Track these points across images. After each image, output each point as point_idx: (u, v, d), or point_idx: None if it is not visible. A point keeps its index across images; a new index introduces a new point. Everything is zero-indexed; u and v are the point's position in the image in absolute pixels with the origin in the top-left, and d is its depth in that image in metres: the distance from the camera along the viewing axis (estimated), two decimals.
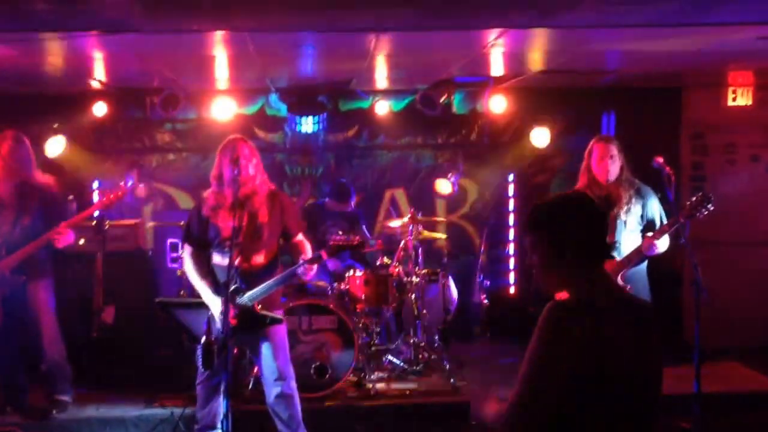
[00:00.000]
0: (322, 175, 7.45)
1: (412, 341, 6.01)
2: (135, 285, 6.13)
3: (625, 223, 4.62)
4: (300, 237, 4.46)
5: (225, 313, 3.87)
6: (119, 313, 6.00)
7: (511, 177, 7.63)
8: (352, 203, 6.60)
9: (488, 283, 7.22)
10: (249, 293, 4.13)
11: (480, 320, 7.18)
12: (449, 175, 6.98)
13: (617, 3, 3.59)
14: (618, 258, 4.57)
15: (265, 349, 4.27)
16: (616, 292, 2.22)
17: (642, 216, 4.69)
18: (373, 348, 5.92)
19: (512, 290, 7.65)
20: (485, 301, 7.08)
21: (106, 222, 5.71)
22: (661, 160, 4.42)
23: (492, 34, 4.55)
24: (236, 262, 4.12)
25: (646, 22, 3.87)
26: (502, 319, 7.20)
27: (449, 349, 6.29)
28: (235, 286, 4.05)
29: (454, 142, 7.57)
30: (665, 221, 4.67)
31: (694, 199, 4.28)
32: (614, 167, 4.65)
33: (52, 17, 3.39)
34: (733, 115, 7.21)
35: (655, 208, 4.72)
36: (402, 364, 5.94)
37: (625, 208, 4.63)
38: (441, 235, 6.49)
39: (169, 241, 6.70)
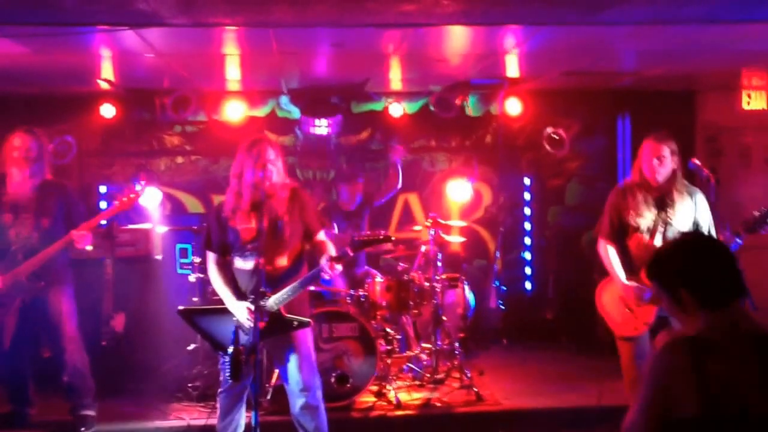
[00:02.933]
0: (334, 178, 7.31)
1: (432, 348, 5.86)
2: (145, 292, 5.94)
3: (675, 226, 4.43)
4: (322, 236, 4.28)
5: (255, 320, 3.71)
6: (129, 320, 5.83)
7: (527, 181, 7.52)
8: (358, 198, 6.39)
9: (504, 288, 7.09)
10: (274, 297, 3.95)
11: (496, 326, 7.04)
12: (465, 179, 6.85)
13: None
14: None
15: (290, 358, 4.10)
16: (743, 328, 2.15)
17: (693, 220, 4.50)
18: (393, 356, 5.76)
19: (529, 296, 7.52)
20: (501, 307, 6.95)
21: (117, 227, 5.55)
22: (698, 161, 4.28)
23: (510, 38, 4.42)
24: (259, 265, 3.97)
25: (697, 18, 3.74)
26: (518, 325, 7.08)
27: (469, 356, 6.15)
28: (261, 289, 3.89)
29: (469, 145, 7.47)
30: (712, 225, 4.49)
31: (757, 213, 4.12)
32: (663, 168, 4.35)
33: (81, 10, 3.22)
34: (748, 118, 7.16)
35: (704, 211, 4.52)
36: (423, 372, 5.80)
37: (676, 210, 4.44)
38: (459, 239, 6.35)
39: (179, 246, 6.51)
